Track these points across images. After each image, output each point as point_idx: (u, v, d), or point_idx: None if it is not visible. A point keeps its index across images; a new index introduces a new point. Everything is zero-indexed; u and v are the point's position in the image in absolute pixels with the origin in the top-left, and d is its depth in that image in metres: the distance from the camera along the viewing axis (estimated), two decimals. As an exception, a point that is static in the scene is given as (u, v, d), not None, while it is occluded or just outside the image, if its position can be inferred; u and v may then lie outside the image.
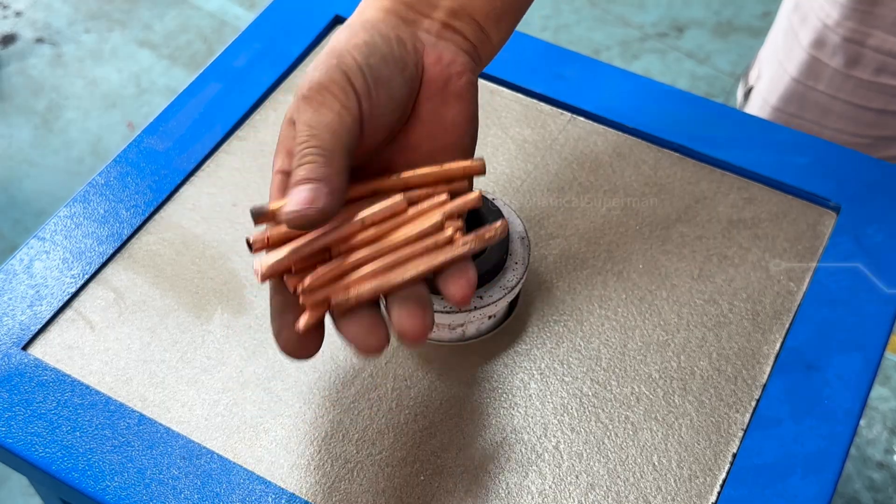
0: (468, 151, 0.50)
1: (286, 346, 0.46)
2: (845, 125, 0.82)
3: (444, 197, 0.47)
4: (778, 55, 0.85)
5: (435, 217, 0.46)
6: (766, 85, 0.87)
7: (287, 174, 0.46)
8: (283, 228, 0.45)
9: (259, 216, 0.44)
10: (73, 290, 0.60)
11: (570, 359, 0.58)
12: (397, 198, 0.47)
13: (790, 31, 0.83)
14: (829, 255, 0.62)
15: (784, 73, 0.84)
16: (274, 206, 0.44)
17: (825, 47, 0.79)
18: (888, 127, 0.82)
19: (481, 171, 0.49)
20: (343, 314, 0.45)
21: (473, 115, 0.50)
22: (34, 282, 0.60)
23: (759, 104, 0.88)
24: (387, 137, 0.49)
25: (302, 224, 0.43)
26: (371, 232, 0.46)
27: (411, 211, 0.47)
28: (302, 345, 0.46)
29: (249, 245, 0.46)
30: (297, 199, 0.42)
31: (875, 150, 0.83)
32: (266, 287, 0.57)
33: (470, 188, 0.50)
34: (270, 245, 0.46)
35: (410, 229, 0.46)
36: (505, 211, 0.58)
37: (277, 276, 0.46)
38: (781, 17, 0.86)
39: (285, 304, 0.46)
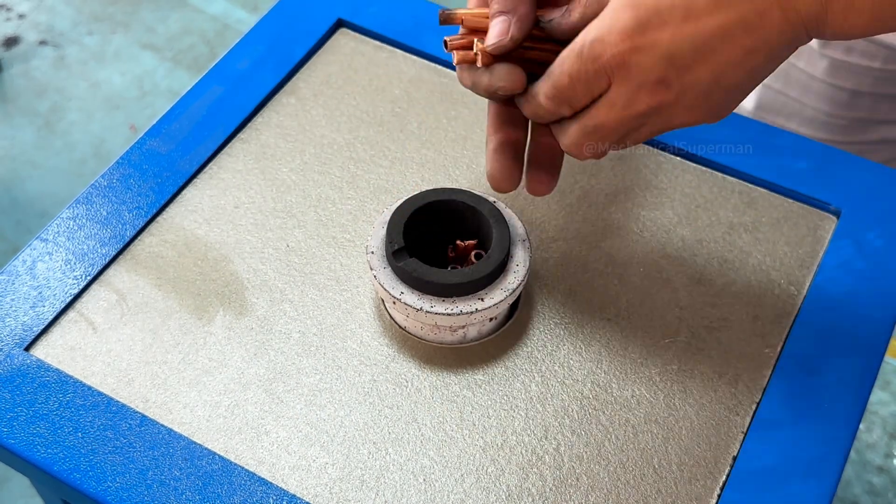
0: None
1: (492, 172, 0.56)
2: (822, 104, 0.84)
3: None
4: None
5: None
6: None
7: None
8: (472, 21, 0.54)
9: (445, 19, 0.54)
10: (76, 291, 0.60)
11: (571, 361, 0.58)
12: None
13: None
14: (830, 259, 0.62)
15: None
16: (461, 11, 0.54)
17: None
18: (861, 108, 0.83)
19: None
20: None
21: None
22: (37, 283, 0.61)
23: None
24: None
25: (500, 52, 0.51)
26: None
27: None
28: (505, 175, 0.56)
29: (442, 20, 0.54)
30: (493, 32, 0.51)
31: (852, 132, 0.85)
32: (267, 289, 0.60)
33: None
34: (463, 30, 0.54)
35: None
36: (506, 214, 0.59)
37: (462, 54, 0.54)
38: None
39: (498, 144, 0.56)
